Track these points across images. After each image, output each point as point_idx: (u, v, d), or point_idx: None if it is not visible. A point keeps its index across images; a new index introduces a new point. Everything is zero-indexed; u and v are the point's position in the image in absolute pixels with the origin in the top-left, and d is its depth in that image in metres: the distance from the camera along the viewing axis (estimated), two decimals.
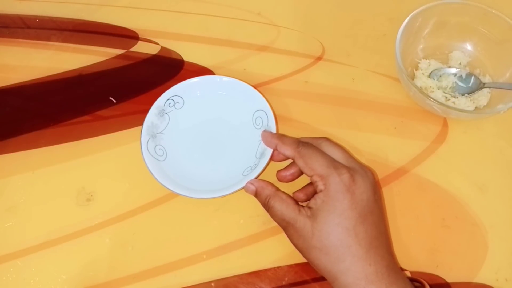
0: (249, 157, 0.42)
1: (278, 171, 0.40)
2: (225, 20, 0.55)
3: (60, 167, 0.45)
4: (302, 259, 0.39)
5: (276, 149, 0.38)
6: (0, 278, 0.39)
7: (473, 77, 0.46)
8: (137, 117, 0.45)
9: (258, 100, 0.44)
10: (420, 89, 0.42)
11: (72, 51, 0.53)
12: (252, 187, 0.38)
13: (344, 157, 0.36)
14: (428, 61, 0.48)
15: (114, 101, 0.49)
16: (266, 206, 0.36)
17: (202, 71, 0.50)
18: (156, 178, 0.40)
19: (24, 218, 0.42)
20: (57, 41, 0.54)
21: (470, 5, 0.46)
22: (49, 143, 0.46)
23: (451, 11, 0.47)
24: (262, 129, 0.43)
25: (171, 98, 0.45)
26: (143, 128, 0.43)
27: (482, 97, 0.46)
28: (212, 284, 0.39)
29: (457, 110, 0.42)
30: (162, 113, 0.44)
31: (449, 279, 0.38)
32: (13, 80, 0.51)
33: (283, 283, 0.38)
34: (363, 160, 0.44)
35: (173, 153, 0.43)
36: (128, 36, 0.54)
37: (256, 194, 0.38)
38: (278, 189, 0.37)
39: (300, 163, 0.35)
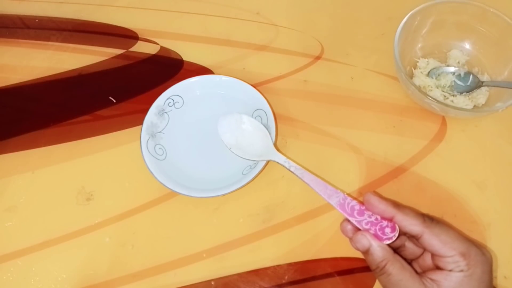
0: None
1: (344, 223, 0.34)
2: (224, 19, 0.55)
3: (60, 167, 0.45)
4: (301, 258, 0.39)
5: (392, 220, 0.32)
6: (1, 278, 0.39)
7: (471, 75, 0.47)
8: (137, 117, 0.45)
9: (257, 99, 0.44)
10: (418, 88, 0.42)
11: (72, 51, 0.53)
12: (366, 243, 0.31)
13: (458, 233, 0.31)
14: (426, 60, 0.48)
15: (114, 101, 0.49)
16: (381, 270, 0.31)
17: (202, 70, 0.51)
18: (156, 177, 0.40)
19: (24, 217, 0.42)
20: (56, 41, 0.54)
21: (468, 4, 0.46)
22: (49, 143, 0.46)
23: (449, 10, 0.47)
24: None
25: (170, 97, 0.45)
26: (142, 127, 0.43)
27: (481, 95, 0.46)
28: (212, 283, 0.39)
29: (456, 109, 0.42)
30: (161, 112, 0.45)
31: None
32: (13, 80, 0.51)
33: (283, 281, 0.38)
34: (362, 159, 0.44)
35: (173, 152, 0.43)
36: (127, 36, 0.54)
37: (368, 252, 0.31)
38: (395, 253, 0.31)
39: (434, 241, 0.30)
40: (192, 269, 0.39)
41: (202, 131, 0.45)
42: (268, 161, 0.40)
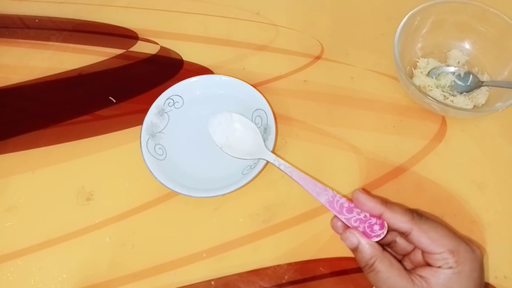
0: None
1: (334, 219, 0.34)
2: (224, 19, 0.55)
3: (60, 167, 0.45)
4: (301, 258, 0.39)
5: (381, 217, 0.31)
6: (1, 278, 0.39)
7: (471, 75, 0.47)
8: (137, 117, 0.45)
9: (257, 99, 0.44)
10: (418, 88, 0.42)
11: (72, 51, 0.53)
12: (354, 240, 0.31)
13: (449, 230, 0.31)
14: (426, 59, 0.48)
15: (114, 101, 0.49)
16: (369, 267, 0.30)
17: (202, 70, 0.51)
18: (155, 177, 0.40)
19: (24, 217, 0.42)
20: (56, 41, 0.54)
21: (468, 4, 0.46)
22: (49, 143, 0.46)
23: (449, 10, 0.47)
24: (262, 128, 0.43)
25: (170, 97, 0.45)
26: (142, 127, 0.43)
27: (481, 95, 0.46)
28: (212, 283, 0.39)
29: (456, 109, 0.42)
30: (161, 112, 0.45)
31: None
32: (13, 80, 0.51)
33: (283, 281, 0.38)
34: (362, 159, 0.44)
35: (173, 152, 0.43)
36: (127, 36, 0.54)
37: (357, 250, 0.31)
38: (384, 249, 0.31)
39: (422, 238, 0.30)
40: (192, 269, 0.39)
41: (202, 131, 0.45)
42: (268, 161, 0.40)
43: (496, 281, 0.38)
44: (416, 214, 0.31)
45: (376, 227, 0.31)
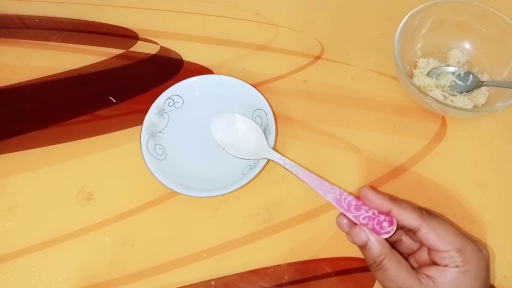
0: None
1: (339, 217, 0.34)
2: (224, 19, 0.55)
3: (60, 167, 0.45)
4: (301, 258, 0.39)
5: (389, 214, 0.31)
6: (1, 278, 0.39)
7: (471, 75, 0.47)
8: (137, 117, 0.45)
9: (257, 99, 0.44)
10: (418, 88, 0.42)
11: (72, 51, 0.53)
12: (364, 236, 0.31)
13: (457, 229, 0.31)
14: (426, 59, 0.48)
15: (114, 101, 0.49)
16: (377, 265, 0.30)
17: (202, 70, 0.51)
18: (155, 177, 0.40)
19: (24, 217, 0.42)
20: (56, 41, 0.54)
21: (468, 4, 0.46)
22: (49, 143, 0.46)
23: (449, 10, 0.47)
24: (262, 128, 0.43)
25: (170, 97, 0.45)
26: (142, 127, 0.43)
27: (481, 95, 0.46)
28: (212, 283, 0.39)
29: (456, 108, 0.42)
30: (161, 112, 0.45)
31: None
32: (13, 80, 0.51)
33: (283, 281, 0.38)
34: (362, 159, 0.44)
35: (173, 152, 0.43)
36: (127, 36, 0.54)
37: (366, 246, 0.31)
38: (392, 248, 0.31)
39: (431, 235, 0.30)
40: (192, 269, 0.39)
41: (202, 131, 0.45)
42: (268, 161, 0.40)
43: (496, 281, 0.38)
44: (425, 211, 0.31)
45: (385, 224, 0.31)
